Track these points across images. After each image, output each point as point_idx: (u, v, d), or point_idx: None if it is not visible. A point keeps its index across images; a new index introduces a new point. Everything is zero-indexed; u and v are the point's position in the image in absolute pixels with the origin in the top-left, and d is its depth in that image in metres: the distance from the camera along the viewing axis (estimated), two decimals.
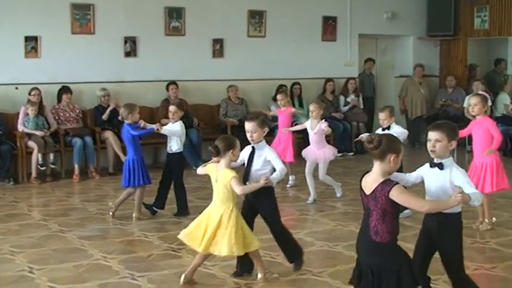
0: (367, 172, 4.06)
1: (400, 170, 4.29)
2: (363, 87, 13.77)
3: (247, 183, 5.42)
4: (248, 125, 5.50)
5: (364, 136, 8.16)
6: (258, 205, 5.53)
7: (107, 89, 10.90)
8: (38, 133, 10.00)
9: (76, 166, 10.21)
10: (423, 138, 13.61)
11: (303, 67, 12.87)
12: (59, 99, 10.69)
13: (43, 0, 10.61)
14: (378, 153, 3.96)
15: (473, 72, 14.39)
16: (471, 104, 7.10)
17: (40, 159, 9.91)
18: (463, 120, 12.57)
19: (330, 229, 7.26)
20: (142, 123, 7.63)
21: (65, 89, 10.66)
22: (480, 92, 7.61)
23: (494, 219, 7.12)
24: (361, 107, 13.31)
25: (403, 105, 14.04)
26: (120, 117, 7.87)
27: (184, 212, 7.71)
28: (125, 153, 8.03)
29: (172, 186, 7.77)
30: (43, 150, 9.95)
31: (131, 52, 11.40)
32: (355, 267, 4.18)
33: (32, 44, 10.59)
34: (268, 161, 5.45)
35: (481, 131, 6.96)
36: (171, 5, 11.64)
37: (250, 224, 5.49)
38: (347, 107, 13.14)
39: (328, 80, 13.05)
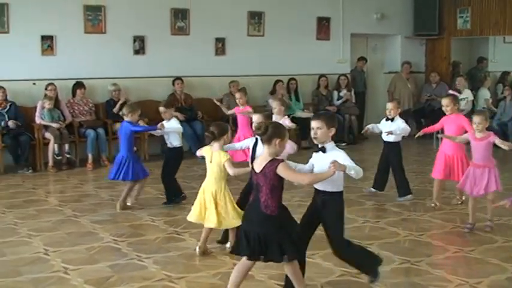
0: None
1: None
2: (354, 82, 13.75)
3: None
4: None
5: (369, 127, 8.11)
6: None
7: (118, 84, 10.89)
8: (54, 125, 10.00)
9: (89, 155, 10.21)
10: (411, 130, 13.58)
11: (299, 64, 12.85)
12: (74, 94, 10.69)
13: (58, 3, 10.56)
14: (265, 139, 4.18)
15: (456, 69, 14.37)
16: (443, 105, 7.31)
17: (56, 149, 9.92)
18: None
19: None
20: (141, 122, 7.73)
21: (78, 84, 10.66)
22: (450, 92, 7.76)
23: (463, 197, 7.31)
24: (353, 101, 13.30)
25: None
26: (120, 113, 7.73)
27: (175, 199, 7.57)
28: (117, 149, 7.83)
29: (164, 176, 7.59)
30: (59, 141, 9.96)
31: (140, 50, 11.38)
32: (239, 236, 4.40)
33: (48, 43, 10.57)
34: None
35: (455, 127, 7.16)
36: (177, 6, 11.60)
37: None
38: (340, 101, 13.13)
39: (321, 76, 13.05)
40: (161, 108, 7.60)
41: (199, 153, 5.78)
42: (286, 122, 8.34)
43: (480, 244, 5.96)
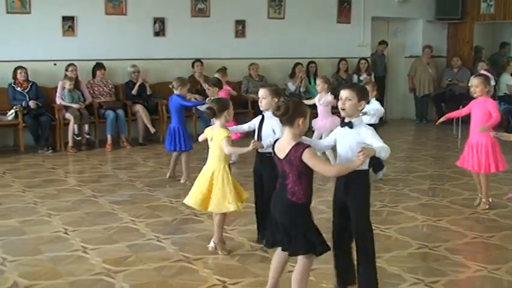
0: (278, 139, 3.99)
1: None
2: (375, 66, 13.66)
3: None
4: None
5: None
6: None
7: (137, 66, 10.91)
8: (74, 106, 10.06)
9: (109, 136, 10.26)
10: (430, 115, 13.51)
11: (319, 47, 12.78)
12: (94, 75, 10.73)
13: None
14: (287, 119, 3.82)
15: (478, 54, 14.18)
16: (472, 85, 6.58)
17: (76, 129, 9.98)
18: (468, 99, 12.35)
19: None
20: (188, 96, 7.73)
21: (99, 66, 10.69)
22: (482, 72, 7.16)
23: (491, 199, 6.64)
24: None
25: (411, 84, 13.94)
26: (170, 86, 7.81)
27: None
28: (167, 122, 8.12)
29: None
30: (79, 122, 10.02)
31: (160, 32, 11.37)
32: (269, 229, 4.05)
33: (69, 24, 10.59)
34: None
35: (482, 111, 6.47)
36: None
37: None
38: None
39: (341, 59, 12.96)
40: (204, 86, 7.73)
41: (201, 138, 5.37)
42: (328, 98, 8.41)
43: (499, 230, 5.90)
